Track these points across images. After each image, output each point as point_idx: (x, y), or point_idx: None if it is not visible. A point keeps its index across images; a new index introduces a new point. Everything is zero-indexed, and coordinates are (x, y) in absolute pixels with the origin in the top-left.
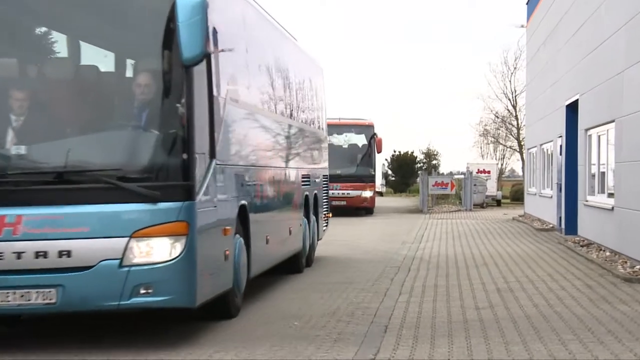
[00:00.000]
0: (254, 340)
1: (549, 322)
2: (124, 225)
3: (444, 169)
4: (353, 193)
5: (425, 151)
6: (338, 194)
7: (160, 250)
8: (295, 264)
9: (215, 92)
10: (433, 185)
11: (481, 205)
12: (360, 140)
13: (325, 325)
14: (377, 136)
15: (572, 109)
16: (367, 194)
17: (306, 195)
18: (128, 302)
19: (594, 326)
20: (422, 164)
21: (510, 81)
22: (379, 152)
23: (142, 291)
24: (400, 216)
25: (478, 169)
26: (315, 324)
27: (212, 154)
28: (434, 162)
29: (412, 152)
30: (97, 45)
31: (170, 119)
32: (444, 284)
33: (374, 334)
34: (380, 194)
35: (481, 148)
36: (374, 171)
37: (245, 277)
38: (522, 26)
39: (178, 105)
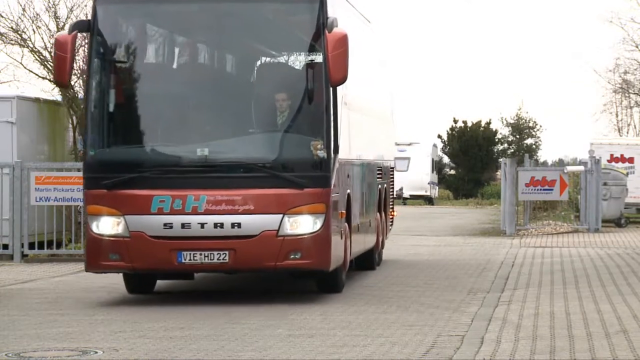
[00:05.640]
0: None
1: None
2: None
3: (547, 154)
4: (255, 223)
5: (512, 121)
6: (195, 224)
7: None
8: None
9: None
10: (527, 185)
11: (617, 222)
12: (275, 42)
13: None
14: (328, 28)
15: None
16: (313, 222)
17: None
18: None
19: None
20: (507, 145)
21: None
22: (335, 82)
23: None
24: (465, 242)
25: (611, 155)
26: None
27: None
28: (530, 141)
29: (489, 123)
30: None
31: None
32: None
33: None
34: (430, 200)
35: (617, 115)
36: (333, 147)
37: None
38: None
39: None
